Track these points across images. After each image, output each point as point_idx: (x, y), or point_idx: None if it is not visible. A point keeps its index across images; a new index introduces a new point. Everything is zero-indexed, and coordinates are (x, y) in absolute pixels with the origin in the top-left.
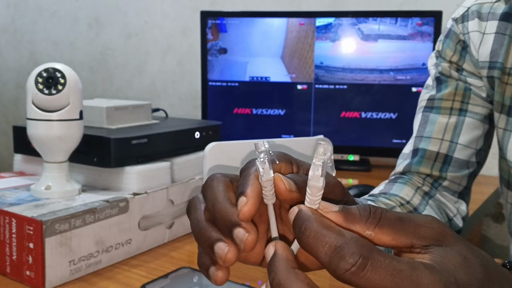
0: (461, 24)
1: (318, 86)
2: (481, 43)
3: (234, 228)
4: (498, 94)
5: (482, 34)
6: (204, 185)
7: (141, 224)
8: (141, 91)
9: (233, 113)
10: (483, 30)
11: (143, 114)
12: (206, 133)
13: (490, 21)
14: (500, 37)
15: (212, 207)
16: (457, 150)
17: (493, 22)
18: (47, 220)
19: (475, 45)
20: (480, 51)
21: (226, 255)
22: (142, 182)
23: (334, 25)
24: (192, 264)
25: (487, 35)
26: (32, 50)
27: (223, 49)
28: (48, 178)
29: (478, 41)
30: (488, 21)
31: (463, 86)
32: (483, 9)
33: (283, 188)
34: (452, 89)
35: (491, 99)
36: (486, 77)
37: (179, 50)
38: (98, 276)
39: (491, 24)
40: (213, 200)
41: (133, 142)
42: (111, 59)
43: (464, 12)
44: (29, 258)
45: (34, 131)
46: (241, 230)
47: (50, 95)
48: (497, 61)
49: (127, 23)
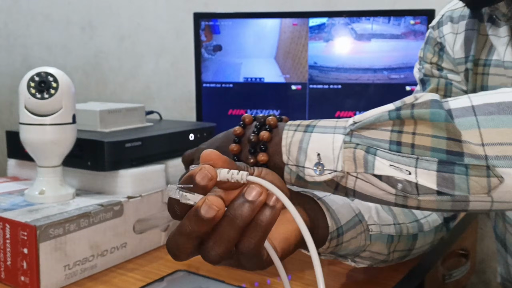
0: (437, 29)
1: (312, 86)
2: (454, 42)
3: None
4: (470, 84)
5: (455, 35)
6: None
7: (136, 227)
8: (135, 94)
9: (227, 114)
10: (455, 31)
11: (137, 117)
12: (200, 135)
13: (460, 22)
14: (469, 32)
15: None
16: None
17: (463, 22)
18: (41, 225)
19: (450, 45)
20: (454, 50)
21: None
22: (137, 185)
23: (327, 25)
24: (188, 267)
25: (459, 34)
26: (25, 54)
27: (218, 46)
28: (42, 183)
29: (452, 41)
30: (459, 22)
31: (444, 82)
32: (455, 13)
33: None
34: (435, 85)
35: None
36: (463, 72)
37: (172, 52)
38: (94, 281)
39: (462, 24)
40: None
41: (127, 145)
42: (105, 62)
43: (439, 19)
44: (24, 263)
45: (27, 135)
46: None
47: (42, 99)
48: (469, 55)
49: (120, 26)
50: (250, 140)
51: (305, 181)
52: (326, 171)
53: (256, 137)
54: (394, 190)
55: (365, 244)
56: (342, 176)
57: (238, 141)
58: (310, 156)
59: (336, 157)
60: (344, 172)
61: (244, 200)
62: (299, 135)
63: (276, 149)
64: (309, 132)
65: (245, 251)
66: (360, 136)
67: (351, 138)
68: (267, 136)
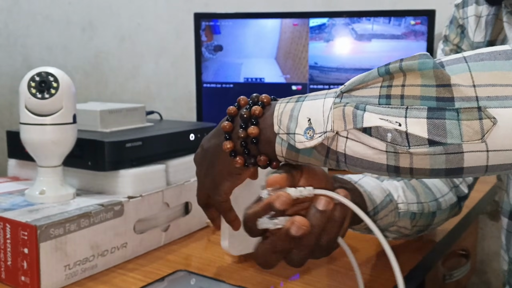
0: (462, 9)
1: (313, 86)
2: (477, 25)
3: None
4: None
5: (478, 18)
6: None
7: (137, 227)
8: (135, 94)
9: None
10: (479, 13)
11: (137, 117)
12: (201, 135)
13: (485, 5)
14: (492, 17)
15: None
16: None
17: (485, 6)
18: (42, 225)
19: (472, 28)
20: (476, 33)
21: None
22: (137, 185)
23: (328, 25)
24: (188, 267)
25: (482, 17)
26: (25, 55)
27: (218, 46)
28: (42, 183)
29: (474, 25)
30: (484, 4)
31: None
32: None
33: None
34: None
35: None
36: None
37: (173, 52)
38: (94, 281)
39: (485, 7)
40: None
41: (127, 145)
42: (105, 63)
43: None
44: (24, 263)
45: (28, 135)
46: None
47: (43, 99)
48: (486, 40)
49: (120, 26)
50: (242, 116)
51: (296, 150)
52: (316, 135)
53: (248, 112)
54: (384, 145)
55: (394, 221)
56: (332, 138)
57: (231, 119)
58: (301, 122)
59: (326, 119)
60: (334, 131)
61: (316, 210)
62: (291, 105)
63: (267, 122)
64: (301, 101)
65: (324, 245)
66: (350, 96)
67: (341, 99)
68: (259, 110)
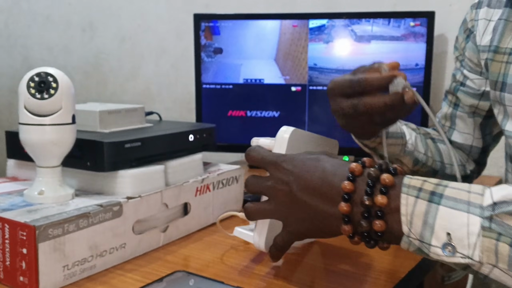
0: (475, 10)
1: (312, 87)
2: (485, 29)
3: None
4: (491, 74)
5: (487, 21)
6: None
7: (135, 228)
8: (135, 95)
9: (227, 115)
10: (489, 17)
11: (137, 118)
12: (200, 136)
13: (496, 9)
14: (501, 22)
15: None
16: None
17: (498, 10)
18: (40, 225)
19: (480, 31)
20: (483, 37)
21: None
22: (136, 186)
23: (327, 27)
24: (187, 268)
25: (492, 22)
26: (25, 55)
27: (218, 49)
28: (41, 183)
29: (483, 28)
30: (494, 9)
31: (454, 86)
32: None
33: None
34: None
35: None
36: (483, 60)
37: (173, 53)
38: (93, 281)
39: (496, 12)
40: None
41: (126, 146)
42: (105, 63)
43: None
44: (23, 263)
45: (27, 135)
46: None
47: (42, 99)
48: (493, 45)
49: (120, 27)
50: (364, 203)
51: (426, 255)
52: (457, 254)
53: (371, 200)
54: None
55: (399, 154)
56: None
57: (348, 198)
58: (438, 234)
59: (472, 244)
60: (482, 263)
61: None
62: (423, 205)
63: (394, 217)
64: (435, 203)
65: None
66: (503, 224)
67: (490, 224)
68: (385, 202)
